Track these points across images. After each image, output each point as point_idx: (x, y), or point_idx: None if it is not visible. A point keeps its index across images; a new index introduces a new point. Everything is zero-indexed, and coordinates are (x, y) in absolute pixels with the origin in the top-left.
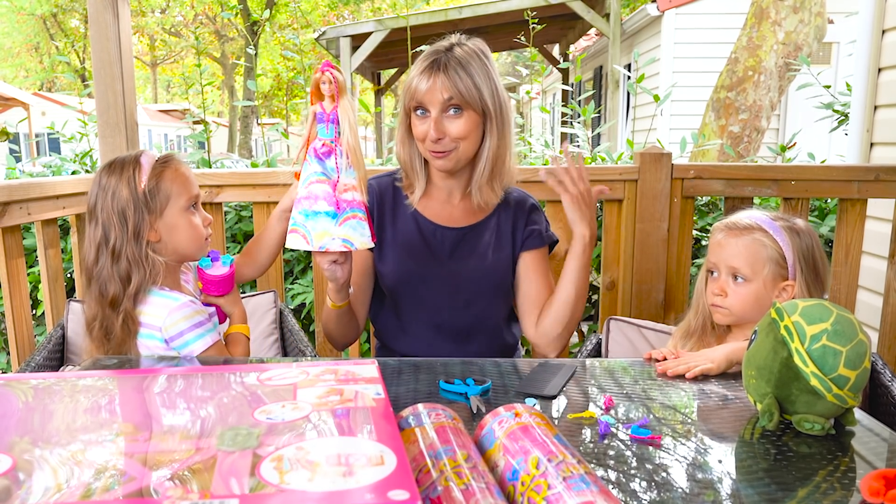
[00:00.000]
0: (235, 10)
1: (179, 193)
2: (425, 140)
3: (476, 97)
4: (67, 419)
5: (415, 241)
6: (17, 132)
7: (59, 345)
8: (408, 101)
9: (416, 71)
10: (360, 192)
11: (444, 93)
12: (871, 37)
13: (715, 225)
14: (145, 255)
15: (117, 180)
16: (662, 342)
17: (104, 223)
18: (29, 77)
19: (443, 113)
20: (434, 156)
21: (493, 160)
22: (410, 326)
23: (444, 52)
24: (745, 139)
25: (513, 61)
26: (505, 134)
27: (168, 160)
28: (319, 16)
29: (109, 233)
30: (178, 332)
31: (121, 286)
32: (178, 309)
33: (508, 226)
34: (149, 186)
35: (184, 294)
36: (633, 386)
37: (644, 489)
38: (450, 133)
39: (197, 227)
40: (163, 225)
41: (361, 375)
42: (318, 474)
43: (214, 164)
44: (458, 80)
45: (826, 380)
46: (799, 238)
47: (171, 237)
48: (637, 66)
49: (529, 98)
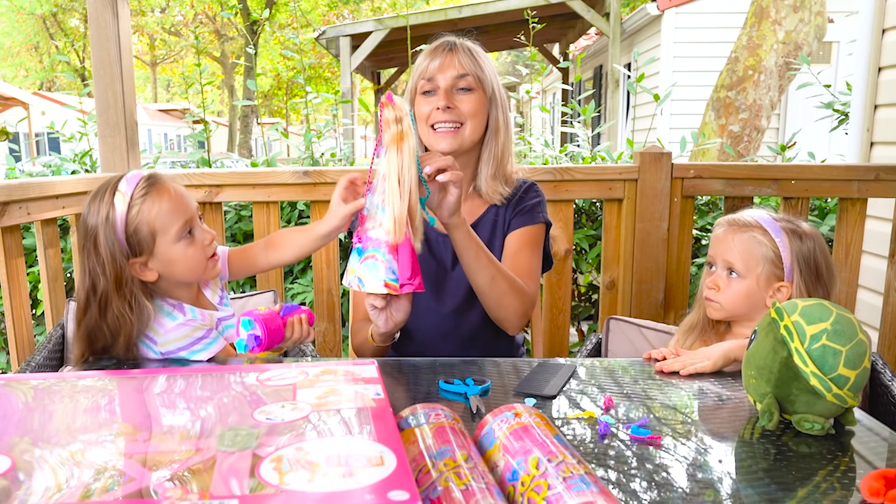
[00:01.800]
0: (235, 9)
1: (166, 225)
2: (429, 118)
3: (488, 79)
4: (67, 419)
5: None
6: (16, 132)
7: (58, 345)
8: (415, 83)
9: (426, 53)
10: (389, 232)
11: (459, 69)
12: (872, 36)
13: (718, 220)
14: (131, 305)
15: (95, 221)
16: (662, 342)
17: (91, 271)
18: (29, 76)
19: (453, 88)
20: (438, 134)
21: (501, 147)
22: (417, 334)
23: (455, 39)
24: (745, 138)
25: (513, 61)
26: (508, 126)
27: (148, 190)
28: (319, 15)
29: (97, 283)
30: (174, 348)
31: (110, 338)
32: (175, 329)
33: (504, 216)
34: (128, 228)
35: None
36: (633, 386)
37: (644, 489)
38: (459, 106)
39: (194, 255)
40: (157, 262)
41: (361, 375)
42: (318, 475)
43: (214, 163)
44: (471, 60)
45: (826, 379)
46: (800, 241)
47: (170, 271)
48: (637, 65)
49: (529, 97)
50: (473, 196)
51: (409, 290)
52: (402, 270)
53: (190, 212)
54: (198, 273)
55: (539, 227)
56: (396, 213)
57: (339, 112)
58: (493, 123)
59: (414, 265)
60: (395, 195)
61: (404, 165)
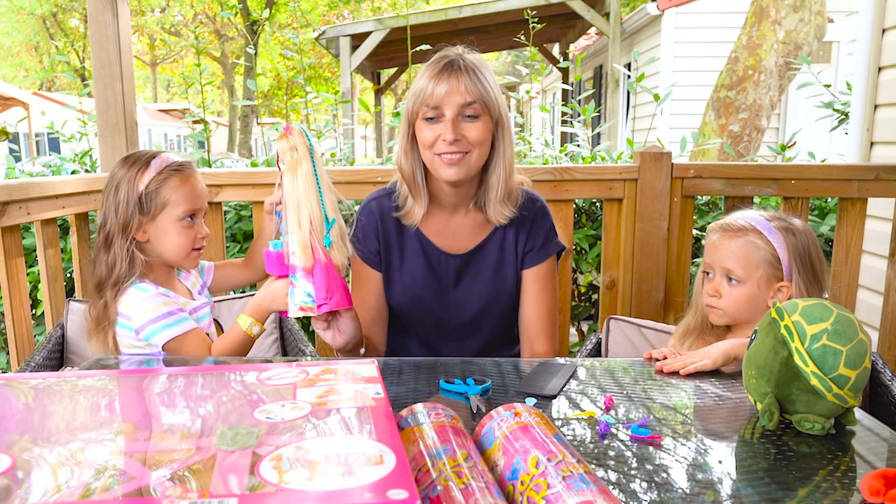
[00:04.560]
0: (235, 9)
1: (178, 203)
2: (434, 145)
3: (495, 103)
4: (67, 419)
5: (421, 269)
6: (16, 132)
7: (58, 345)
8: (417, 107)
9: (429, 74)
10: (299, 257)
11: (466, 96)
12: (872, 36)
13: (710, 226)
14: (128, 251)
15: (124, 174)
16: (662, 342)
17: (106, 210)
18: (29, 77)
19: (459, 116)
20: (446, 162)
21: (507, 173)
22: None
23: (456, 56)
24: (745, 138)
25: (513, 61)
26: (511, 143)
27: (181, 168)
28: (319, 15)
29: (107, 220)
30: (145, 321)
31: (106, 272)
32: (146, 300)
33: (512, 239)
34: (148, 189)
35: (160, 287)
36: (633, 386)
37: (644, 489)
38: (466, 135)
39: (185, 239)
40: (153, 228)
41: (361, 375)
42: (318, 473)
43: (214, 163)
44: (478, 84)
45: (826, 379)
46: (795, 238)
47: (158, 241)
48: (637, 65)
49: (529, 97)
50: (476, 214)
51: (325, 309)
52: (317, 291)
53: (199, 203)
54: (180, 255)
55: (554, 257)
56: (300, 237)
57: (339, 112)
58: (499, 146)
59: (331, 283)
60: (295, 221)
61: (301, 191)
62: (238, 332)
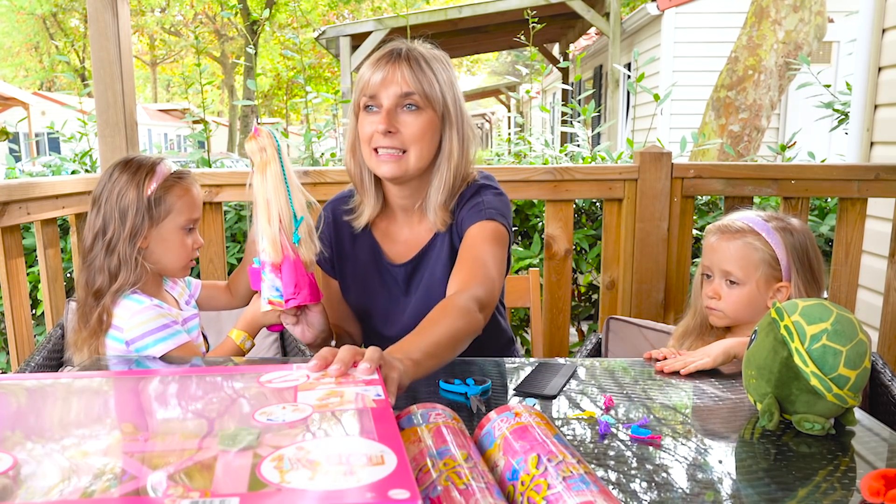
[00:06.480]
0: (235, 9)
1: (181, 211)
2: (371, 139)
3: (438, 96)
4: (67, 419)
5: (371, 278)
6: (16, 132)
7: (58, 345)
8: (357, 98)
9: (370, 63)
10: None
11: (402, 85)
12: (872, 36)
13: (708, 227)
14: (135, 258)
15: (129, 179)
16: (662, 342)
17: (105, 215)
18: (29, 76)
19: (397, 107)
20: (380, 158)
21: (453, 174)
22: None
23: (402, 46)
24: (745, 138)
25: (513, 61)
26: (465, 143)
27: (182, 177)
28: (319, 15)
29: (108, 226)
30: (139, 334)
31: (108, 280)
32: (140, 312)
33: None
34: (155, 195)
35: (153, 298)
36: (633, 386)
37: (644, 489)
38: (402, 129)
39: (185, 248)
40: (156, 235)
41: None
42: (319, 473)
43: (214, 163)
44: (419, 74)
45: (826, 379)
46: (793, 237)
47: (159, 249)
48: (637, 65)
49: (529, 97)
50: (423, 219)
51: (294, 304)
52: (285, 286)
53: (198, 214)
54: (177, 264)
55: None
56: (269, 234)
57: (339, 112)
58: (445, 145)
59: (299, 279)
60: (265, 219)
61: (270, 190)
62: (231, 346)
